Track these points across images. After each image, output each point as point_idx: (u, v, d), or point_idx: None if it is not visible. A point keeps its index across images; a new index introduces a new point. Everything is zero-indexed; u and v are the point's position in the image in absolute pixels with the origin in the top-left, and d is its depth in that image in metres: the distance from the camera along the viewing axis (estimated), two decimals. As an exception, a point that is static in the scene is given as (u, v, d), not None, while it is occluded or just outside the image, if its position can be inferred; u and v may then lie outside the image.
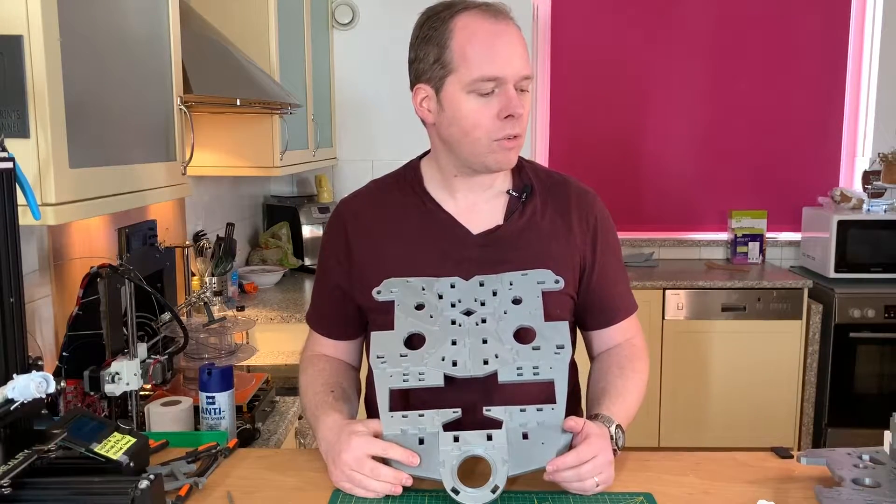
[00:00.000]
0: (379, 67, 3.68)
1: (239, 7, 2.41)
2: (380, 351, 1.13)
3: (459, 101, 1.13)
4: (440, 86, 1.15)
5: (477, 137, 1.15)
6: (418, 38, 1.17)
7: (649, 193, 3.93)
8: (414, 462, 1.02)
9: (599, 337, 1.31)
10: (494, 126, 1.13)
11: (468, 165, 1.20)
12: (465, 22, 1.12)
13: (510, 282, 1.18)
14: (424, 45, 1.15)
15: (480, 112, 1.13)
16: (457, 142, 1.17)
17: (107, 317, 1.34)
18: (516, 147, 1.17)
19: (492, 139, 1.14)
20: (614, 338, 1.30)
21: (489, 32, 1.11)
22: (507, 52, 1.11)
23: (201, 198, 2.68)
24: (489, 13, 1.13)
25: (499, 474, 1.01)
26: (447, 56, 1.13)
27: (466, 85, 1.12)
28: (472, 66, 1.11)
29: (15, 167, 0.97)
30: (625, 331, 1.31)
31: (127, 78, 1.34)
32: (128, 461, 1.02)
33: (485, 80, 1.11)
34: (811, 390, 3.42)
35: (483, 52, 1.11)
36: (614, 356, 1.27)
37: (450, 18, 1.13)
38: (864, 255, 3.41)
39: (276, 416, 1.67)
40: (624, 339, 1.30)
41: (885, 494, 0.98)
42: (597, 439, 1.04)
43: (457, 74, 1.12)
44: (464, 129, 1.15)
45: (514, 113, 1.12)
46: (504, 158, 1.17)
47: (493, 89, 1.12)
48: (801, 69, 3.80)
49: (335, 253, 1.28)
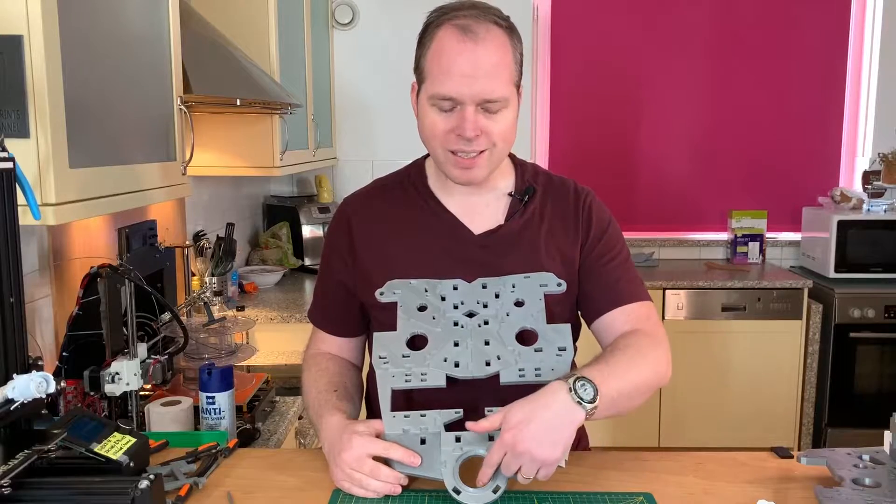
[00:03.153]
0: (379, 67, 3.67)
1: (239, 7, 2.41)
2: (382, 351, 1.14)
3: (424, 109, 1.17)
4: (418, 90, 1.19)
5: (434, 147, 1.18)
6: (419, 38, 1.19)
7: (649, 193, 3.93)
8: (415, 462, 1.02)
9: (602, 323, 1.23)
10: (447, 139, 1.15)
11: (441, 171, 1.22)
12: (440, 35, 1.13)
13: (512, 284, 1.18)
14: (418, 48, 1.18)
15: (436, 124, 1.15)
16: (424, 143, 1.21)
17: (107, 317, 1.34)
18: (478, 164, 1.16)
19: (446, 150, 1.16)
20: (617, 320, 1.21)
21: (453, 51, 1.11)
22: (468, 73, 1.10)
23: (201, 198, 2.68)
24: (463, 31, 1.11)
25: (500, 474, 1.01)
26: (422, 65, 1.16)
27: (429, 97, 1.15)
28: (434, 81, 1.13)
29: (15, 167, 0.97)
30: (630, 315, 1.21)
31: (127, 78, 1.34)
32: (128, 461, 1.02)
33: (440, 98, 1.13)
34: (811, 390, 3.42)
35: (443, 70, 1.12)
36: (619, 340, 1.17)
37: (435, 28, 1.14)
38: (864, 255, 3.41)
39: (276, 416, 1.67)
40: (632, 326, 1.20)
41: (885, 494, 0.98)
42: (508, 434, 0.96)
43: (426, 84, 1.16)
44: (425, 135, 1.18)
45: (463, 134, 1.12)
46: (462, 174, 1.18)
47: (454, 107, 1.13)
48: (801, 69, 3.80)
49: (339, 250, 1.29)
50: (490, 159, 1.17)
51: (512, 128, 1.17)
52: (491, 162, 1.18)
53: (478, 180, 1.19)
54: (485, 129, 1.13)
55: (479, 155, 1.15)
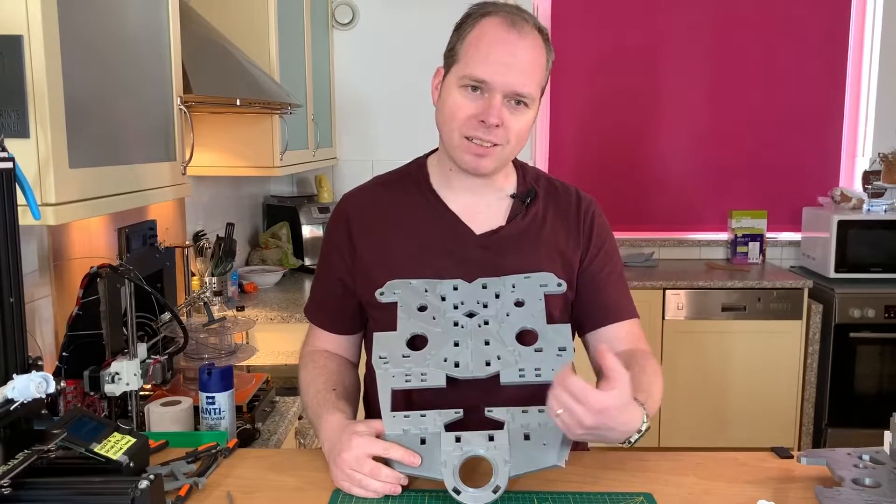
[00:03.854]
0: (379, 67, 3.67)
1: (239, 7, 2.41)
2: (382, 351, 1.13)
3: (451, 90, 1.18)
4: (447, 72, 1.20)
5: (451, 129, 1.18)
6: (456, 25, 1.21)
7: (649, 193, 3.93)
8: (415, 462, 1.02)
9: (599, 336, 1.26)
10: (468, 124, 1.16)
11: (450, 158, 1.23)
12: (484, 23, 1.16)
13: (513, 284, 1.18)
14: (454, 33, 1.20)
15: (460, 106, 1.16)
16: (440, 127, 1.22)
17: (107, 317, 1.34)
18: (490, 155, 1.17)
19: (462, 135, 1.17)
20: (616, 335, 1.25)
21: (496, 39, 1.14)
22: (504, 61, 1.13)
23: (201, 198, 2.68)
24: (508, 22, 1.15)
25: (500, 475, 1.01)
26: (458, 47, 1.18)
27: (459, 78, 1.16)
28: (469, 63, 1.15)
29: (15, 167, 0.97)
30: (627, 332, 1.26)
31: (127, 78, 1.34)
32: (128, 461, 1.02)
33: (472, 79, 1.14)
34: (811, 390, 3.42)
35: (481, 54, 1.14)
36: (630, 356, 1.20)
37: (479, 17, 1.17)
38: (864, 255, 3.41)
39: (276, 416, 1.67)
40: (629, 344, 1.25)
41: (885, 494, 0.98)
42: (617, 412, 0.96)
43: (457, 66, 1.17)
44: (444, 117, 1.19)
45: (487, 120, 1.13)
46: (472, 161, 1.18)
47: (482, 92, 1.14)
48: (802, 69, 3.80)
49: (338, 247, 1.28)
50: (501, 155, 1.18)
51: (528, 129, 1.19)
52: (502, 158, 1.19)
53: (486, 171, 1.20)
54: (506, 122, 1.15)
55: (493, 147, 1.17)
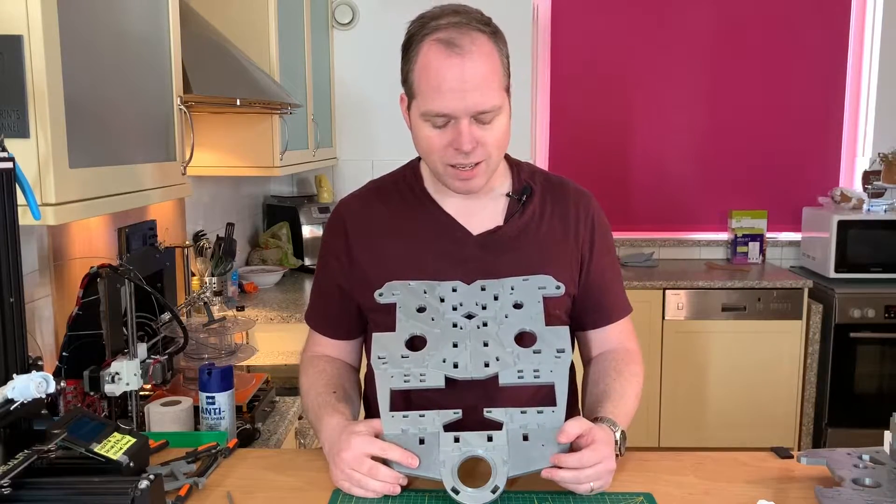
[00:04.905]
0: (379, 67, 3.67)
1: (239, 7, 2.41)
2: (381, 352, 1.14)
3: (418, 125, 1.16)
4: (409, 105, 1.18)
5: (433, 160, 1.18)
6: (402, 48, 1.17)
7: (649, 193, 3.93)
8: (413, 464, 1.02)
9: (596, 337, 1.31)
10: (445, 154, 1.15)
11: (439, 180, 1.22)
12: (424, 50, 1.11)
13: (511, 286, 1.19)
14: (403, 59, 1.17)
15: (432, 140, 1.15)
16: (422, 157, 1.21)
17: (107, 317, 1.34)
18: (477, 174, 1.17)
19: (445, 164, 1.16)
20: (611, 338, 1.31)
21: (441, 66, 1.09)
22: (458, 88, 1.09)
23: (201, 198, 2.68)
24: (447, 44, 1.09)
25: (499, 475, 1.01)
26: (411, 79, 1.15)
27: (422, 114, 1.14)
28: (426, 99, 1.12)
29: (15, 167, 0.97)
30: (620, 331, 1.31)
31: (127, 78, 1.34)
32: (128, 461, 1.02)
33: (433, 115, 1.12)
34: (811, 390, 3.42)
35: (432, 87, 1.10)
36: (611, 360, 1.27)
37: (419, 41, 1.12)
38: (864, 255, 3.41)
39: (276, 416, 1.67)
40: (619, 342, 1.31)
41: (885, 494, 0.98)
42: (602, 446, 1.03)
43: (416, 101, 1.15)
44: (422, 150, 1.19)
45: (460, 148, 1.12)
46: (462, 185, 1.18)
47: (448, 122, 1.12)
48: (802, 69, 3.80)
49: (335, 253, 1.28)
50: (487, 168, 1.18)
51: (506, 133, 1.17)
52: (488, 170, 1.19)
53: (477, 189, 1.20)
54: (480, 140, 1.13)
55: (477, 166, 1.16)
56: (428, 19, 1.14)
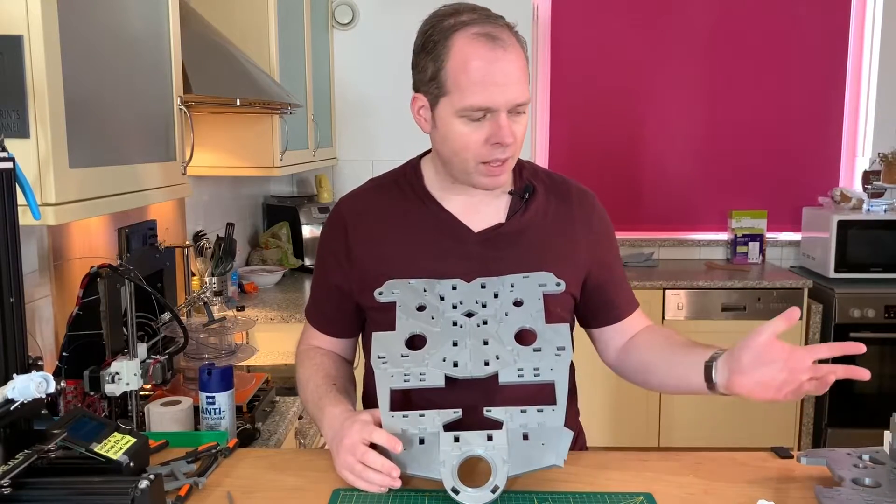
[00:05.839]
0: (379, 67, 3.67)
1: (239, 7, 2.41)
2: (381, 351, 1.14)
3: (450, 123, 1.13)
4: (435, 103, 1.15)
5: (465, 158, 1.15)
6: (420, 47, 1.15)
7: (649, 193, 3.93)
8: (397, 449, 1.02)
9: (615, 331, 1.31)
10: (482, 150, 1.13)
11: (459, 181, 1.21)
12: (462, 44, 1.09)
13: (511, 284, 1.18)
14: (424, 56, 1.14)
15: (469, 136, 1.13)
16: (447, 159, 1.18)
17: (107, 317, 1.34)
18: (505, 170, 1.17)
19: (479, 161, 1.15)
20: (634, 325, 1.31)
21: (485, 60, 1.08)
22: (501, 82, 1.09)
23: (201, 198, 2.68)
24: (488, 37, 1.09)
25: (499, 474, 1.01)
26: (442, 76, 1.12)
27: (458, 110, 1.11)
28: (465, 94, 1.10)
29: (15, 167, 0.97)
30: (638, 320, 1.32)
31: (127, 78, 1.34)
32: (128, 461, 1.02)
33: (475, 109, 1.10)
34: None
35: (476, 82, 1.09)
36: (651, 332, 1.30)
37: (450, 34, 1.10)
38: (864, 255, 3.41)
39: (276, 416, 1.67)
40: (642, 325, 1.32)
41: (885, 494, 0.98)
42: None
43: (449, 98, 1.12)
44: (453, 149, 1.15)
45: (503, 141, 1.11)
46: (491, 182, 1.17)
47: (485, 116, 1.11)
48: (801, 69, 3.80)
49: (334, 253, 1.28)
50: (511, 164, 1.18)
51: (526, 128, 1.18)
52: (512, 166, 1.19)
53: (504, 184, 1.21)
54: (514, 134, 1.13)
55: (505, 161, 1.15)
56: (447, 16, 1.12)
